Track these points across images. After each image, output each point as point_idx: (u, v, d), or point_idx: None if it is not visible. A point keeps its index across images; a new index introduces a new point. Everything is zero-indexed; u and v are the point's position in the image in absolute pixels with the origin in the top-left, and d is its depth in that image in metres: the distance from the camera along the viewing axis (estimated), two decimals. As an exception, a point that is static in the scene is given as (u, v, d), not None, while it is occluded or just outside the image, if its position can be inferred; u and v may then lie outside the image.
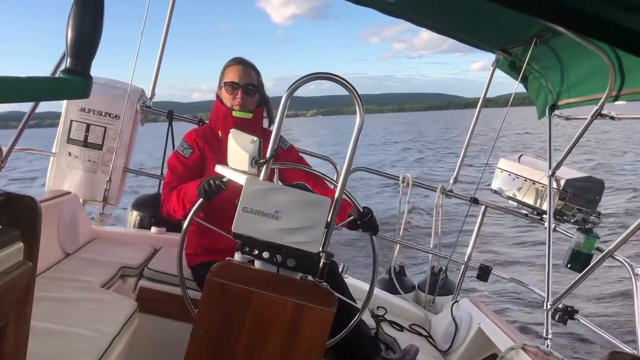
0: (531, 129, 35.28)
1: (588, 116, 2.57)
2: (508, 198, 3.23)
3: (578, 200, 2.80)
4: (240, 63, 2.18)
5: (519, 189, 3.11)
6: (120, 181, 2.91)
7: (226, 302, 1.41)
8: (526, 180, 3.08)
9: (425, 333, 2.64)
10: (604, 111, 2.47)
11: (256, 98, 2.20)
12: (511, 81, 2.96)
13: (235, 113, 2.13)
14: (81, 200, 2.79)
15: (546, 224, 2.72)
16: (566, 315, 2.41)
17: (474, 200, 3.13)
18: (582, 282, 2.44)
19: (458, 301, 2.70)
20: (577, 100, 2.70)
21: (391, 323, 2.57)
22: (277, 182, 2.13)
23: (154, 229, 2.82)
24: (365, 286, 2.60)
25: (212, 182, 1.70)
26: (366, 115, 1.49)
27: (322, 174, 1.87)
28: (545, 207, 2.86)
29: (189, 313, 1.62)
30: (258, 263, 1.47)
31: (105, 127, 2.85)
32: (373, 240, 1.75)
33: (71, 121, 2.82)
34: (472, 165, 11.86)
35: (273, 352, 1.41)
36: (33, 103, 2.25)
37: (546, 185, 2.84)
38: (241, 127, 1.66)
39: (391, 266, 3.35)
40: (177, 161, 2.13)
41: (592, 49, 2.19)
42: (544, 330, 2.32)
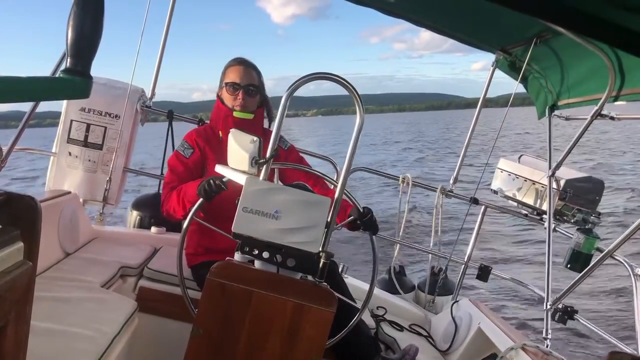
0: (531, 129, 35.28)
1: (588, 116, 2.57)
2: (508, 198, 3.23)
3: (578, 200, 2.80)
4: (241, 63, 2.17)
5: (519, 189, 3.11)
6: (120, 181, 2.91)
7: (226, 302, 1.41)
8: (526, 180, 3.08)
9: (425, 333, 2.64)
10: (604, 111, 2.47)
11: (257, 99, 2.20)
12: (511, 81, 2.96)
13: (236, 114, 2.13)
14: (81, 200, 2.79)
15: (546, 224, 2.72)
16: (566, 315, 2.42)
17: (474, 200, 3.13)
18: (582, 282, 2.45)
19: (458, 301, 2.70)
20: (577, 100, 2.70)
21: (391, 323, 2.57)
22: (277, 182, 2.13)
23: (154, 229, 2.82)
24: (365, 286, 2.60)
25: (212, 182, 1.70)
26: (366, 115, 1.49)
27: (322, 174, 1.87)
28: (545, 207, 2.86)
29: (189, 313, 1.63)
30: (258, 263, 1.47)
31: (105, 127, 2.85)
32: (373, 240, 1.75)
33: (71, 121, 2.82)
34: (472, 165, 11.86)
35: (273, 352, 1.41)
36: (33, 103, 2.25)
37: (546, 185, 2.84)
38: (242, 128, 1.66)
39: (391, 266, 3.35)
40: (178, 161, 2.13)
41: (592, 49, 2.19)
42: (544, 330, 2.32)
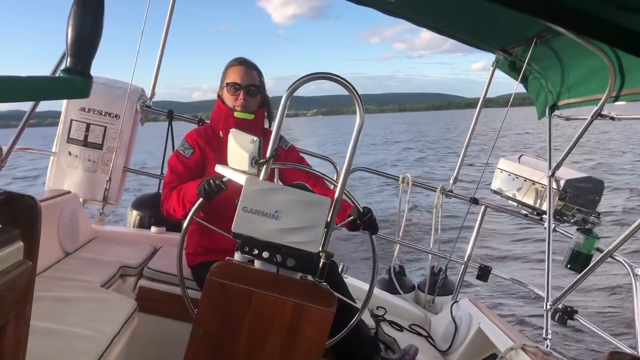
0: (531, 129, 35.28)
1: (588, 116, 2.57)
2: (508, 198, 3.23)
3: (578, 200, 2.80)
4: (242, 64, 2.17)
5: (519, 189, 3.11)
6: (120, 181, 2.91)
7: (226, 302, 1.41)
8: (526, 180, 3.08)
9: (424, 333, 2.64)
10: (604, 111, 2.47)
11: (258, 99, 2.19)
12: (511, 81, 2.96)
13: (237, 114, 2.13)
14: (81, 199, 2.79)
15: (546, 224, 2.72)
16: (566, 315, 2.42)
17: (474, 200, 3.13)
18: (582, 282, 2.45)
19: (458, 301, 2.70)
20: (577, 100, 2.70)
21: (391, 323, 2.57)
22: (277, 182, 2.13)
23: (154, 229, 2.82)
24: (365, 286, 2.60)
25: (212, 182, 1.70)
26: (366, 115, 1.49)
27: (322, 174, 1.87)
28: (545, 208, 2.86)
29: (189, 313, 1.63)
30: (258, 263, 1.47)
31: (105, 127, 2.85)
32: (373, 240, 1.76)
33: (71, 121, 2.82)
34: (473, 164, 11.86)
35: (273, 352, 1.41)
36: (33, 102, 2.25)
37: (546, 185, 2.83)
38: (242, 128, 1.66)
39: (391, 266, 3.35)
40: (178, 161, 2.13)
41: (592, 50, 2.19)
42: (544, 330, 2.32)
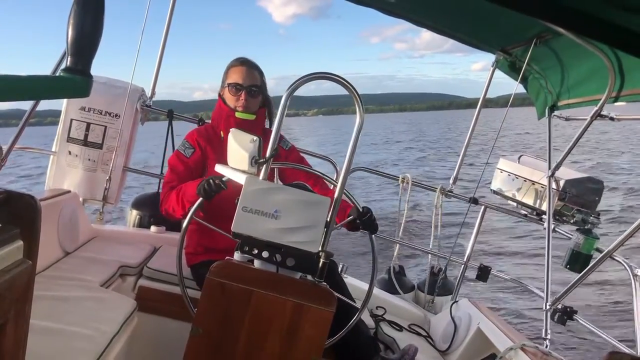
0: (531, 130, 35.28)
1: (588, 117, 2.57)
2: (507, 198, 3.23)
3: (577, 200, 2.80)
4: (244, 64, 2.17)
5: (519, 190, 3.11)
6: (120, 180, 2.91)
7: (225, 302, 1.41)
8: (526, 180, 3.08)
9: (424, 333, 2.64)
10: (604, 112, 2.47)
11: (259, 99, 2.19)
12: (511, 82, 2.96)
13: (238, 114, 2.12)
14: (81, 199, 2.79)
15: (545, 225, 2.72)
16: (565, 315, 2.42)
17: (474, 200, 3.13)
18: (581, 283, 2.45)
19: (457, 301, 2.70)
20: (577, 101, 2.70)
21: (390, 323, 2.57)
22: (277, 182, 2.13)
23: (154, 228, 2.82)
24: (364, 286, 2.60)
25: (212, 182, 1.70)
26: (367, 115, 1.49)
27: (322, 174, 1.87)
28: (544, 208, 2.86)
29: (189, 312, 1.63)
30: (257, 262, 1.47)
31: (105, 126, 2.85)
32: (372, 239, 1.76)
33: (71, 120, 2.82)
34: (473, 164, 11.85)
35: (272, 352, 1.41)
36: (33, 102, 2.25)
37: (546, 185, 2.84)
38: (243, 128, 1.66)
39: (391, 266, 3.36)
40: (178, 160, 2.13)
41: (592, 50, 2.19)
42: (543, 330, 2.32)
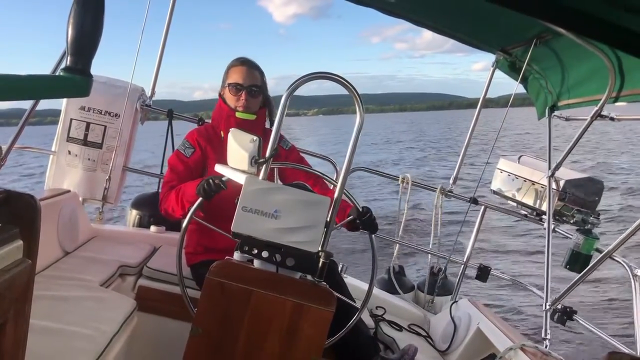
0: (531, 130, 35.28)
1: (588, 117, 2.57)
2: (507, 198, 3.23)
3: (577, 201, 2.80)
4: (244, 64, 2.16)
5: (519, 190, 3.11)
6: (119, 180, 2.91)
7: (225, 301, 1.41)
8: (525, 180, 3.08)
9: (424, 333, 2.64)
10: (604, 112, 2.47)
11: (260, 99, 2.19)
12: (512, 82, 2.96)
13: (238, 114, 2.12)
14: (80, 198, 2.79)
15: (545, 225, 2.72)
16: (565, 315, 2.42)
17: (474, 200, 3.13)
18: (581, 283, 2.45)
19: (457, 301, 2.70)
20: (577, 101, 2.70)
21: (390, 323, 2.57)
22: (277, 182, 2.13)
23: (154, 228, 2.82)
24: (364, 286, 2.60)
25: (212, 181, 1.70)
26: (367, 115, 1.49)
27: (322, 174, 1.87)
28: (544, 208, 2.86)
29: (188, 312, 1.63)
30: (257, 262, 1.47)
31: (105, 126, 2.85)
32: (372, 239, 1.76)
33: (71, 120, 2.81)
34: (474, 164, 11.85)
35: (272, 352, 1.41)
36: (33, 101, 2.25)
37: (546, 185, 2.84)
38: (243, 128, 1.66)
39: (390, 266, 3.36)
40: (178, 160, 2.13)
41: (592, 50, 2.19)
42: (543, 330, 2.32)
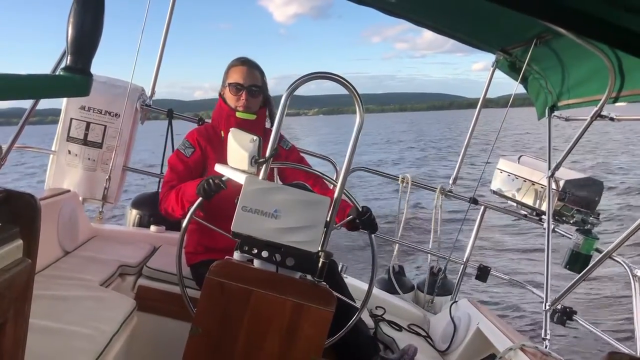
0: (531, 130, 35.28)
1: (588, 117, 2.57)
2: (507, 199, 3.23)
3: (577, 201, 2.80)
4: (244, 64, 2.16)
5: (519, 190, 3.11)
6: (119, 180, 2.91)
7: (225, 301, 1.41)
8: (525, 180, 3.08)
9: (423, 333, 2.64)
10: (604, 112, 2.47)
11: (260, 99, 2.19)
12: (512, 82, 2.96)
13: (239, 114, 2.12)
14: (80, 198, 2.79)
15: (545, 225, 2.72)
16: (565, 316, 2.42)
17: (473, 200, 3.13)
18: (581, 283, 2.45)
19: (457, 301, 2.70)
20: (577, 101, 2.70)
21: (390, 323, 2.57)
22: (277, 182, 2.13)
23: (153, 228, 2.82)
24: (364, 286, 2.60)
25: (212, 181, 1.70)
26: (367, 114, 1.49)
27: (322, 174, 1.87)
28: (544, 208, 2.86)
29: (188, 312, 1.63)
30: (257, 262, 1.47)
31: (105, 126, 2.85)
32: (372, 239, 1.76)
33: (71, 119, 2.82)
34: (474, 164, 11.85)
35: (272, 351, 1.40)
36: (33, 101, 2.25)
37: (545, 186, 2.84)
38: (243, 127, 1.66)
39: (390, 266, 3.36)
40: (178, 160, 2.13)
41: (592, 50, 2.18)
42: (543, 330, 2.32)
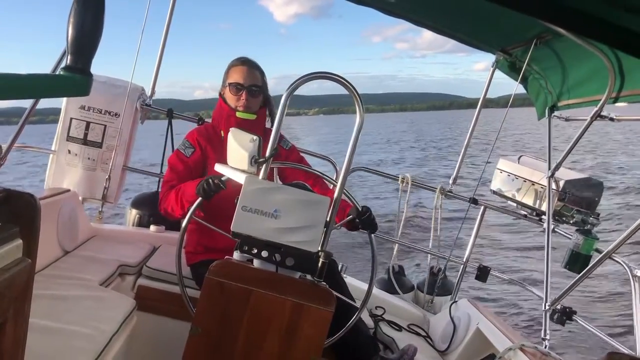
0: (531, 130, 35.29)
1: (588, 117, 2.57)
2: (507, 199, 3.23)
3: (577, 201, 2.80)
4: (245, 63, 2.16)
5: (519, 190, 3.11)
6: (119, 179, 2.91)
7: (225, 301, 1.41)
8: (525, 181, 3.08)
9: (423, 333, 2.65)
10: (604, 112, 2.47)
11: (260, 99, 2.19)
12: (512, 82, 2.96)
13: (239, 114, 2.12)
14: (80, 198, 2.79)
15: (545, 225, 2.72)
16: (564, 316, 2.42)
17: (473, 200, 3.13)
18: (581, 283, 2.45)
19: (456, 301, 2.70)
20: (577, 101, 2.70)
21: (390, 323, 2.57)
22: (277, 182, 2.13)
23: (153, 227, 2.82)
24: (364, 286, 2.60)
25: (211, 181, 1.70)
26: (368, 114, 1.49)
27: (322, 174, 1.87)
28: (544, 208, 2.86)
29: (188, 312, 1.63)
30: (257, 262, 1.47)
31: (105, 125, 2.85)
32: (372, 239, 1.76)
33: (71, 119, 2.82)
34: (474, 164, 11.86)
35: (271, 351, 1.40)
36: (33, 100, 2.25)
37: (545, 186, 2.84)
38: (243, 128, 1.66)
39: (390, 266, 3.36)
40: (178, 160, 2.13)
41: (592, 51, 2.18)
42: (542, 330, 2.32)
